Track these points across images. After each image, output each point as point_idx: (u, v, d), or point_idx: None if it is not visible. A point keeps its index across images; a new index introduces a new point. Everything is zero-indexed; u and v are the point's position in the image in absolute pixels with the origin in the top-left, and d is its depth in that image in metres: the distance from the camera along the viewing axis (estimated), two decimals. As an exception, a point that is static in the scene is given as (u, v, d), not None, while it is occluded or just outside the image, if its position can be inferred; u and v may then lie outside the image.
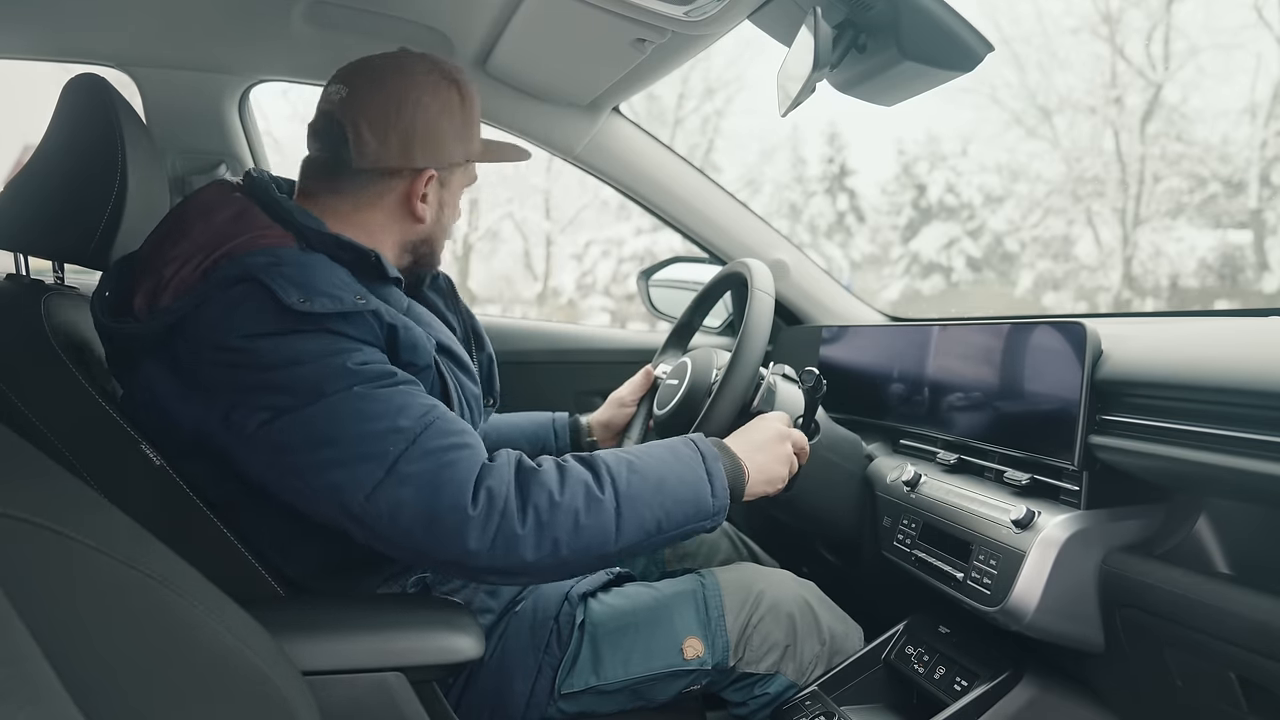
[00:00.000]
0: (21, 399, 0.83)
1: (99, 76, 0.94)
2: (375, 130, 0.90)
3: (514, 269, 18.17)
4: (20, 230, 0.94)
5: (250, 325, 0.77)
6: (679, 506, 0.83)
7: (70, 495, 0.45)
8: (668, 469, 0.84)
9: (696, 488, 0.85)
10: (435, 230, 0.99)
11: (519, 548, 0.76)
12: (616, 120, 1.56)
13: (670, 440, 0.90)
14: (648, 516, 0.81)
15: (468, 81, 0.97)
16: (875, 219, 18.06)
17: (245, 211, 0.87)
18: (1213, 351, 0.77)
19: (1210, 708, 0.78)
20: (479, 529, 0.75)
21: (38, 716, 0.28)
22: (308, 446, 0.76)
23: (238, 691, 0.49)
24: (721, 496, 0.86)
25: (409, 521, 0.75)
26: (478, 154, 1.00)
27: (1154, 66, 14.87)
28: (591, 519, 0.78)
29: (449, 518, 0.75)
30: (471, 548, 0.75)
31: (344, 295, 0.81)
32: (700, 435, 0.91)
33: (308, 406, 0.76)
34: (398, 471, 0.75)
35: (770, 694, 1.01)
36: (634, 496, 0.81)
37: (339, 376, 0.77)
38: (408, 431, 0.76)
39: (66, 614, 0.37)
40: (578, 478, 0.80)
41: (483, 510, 0.75)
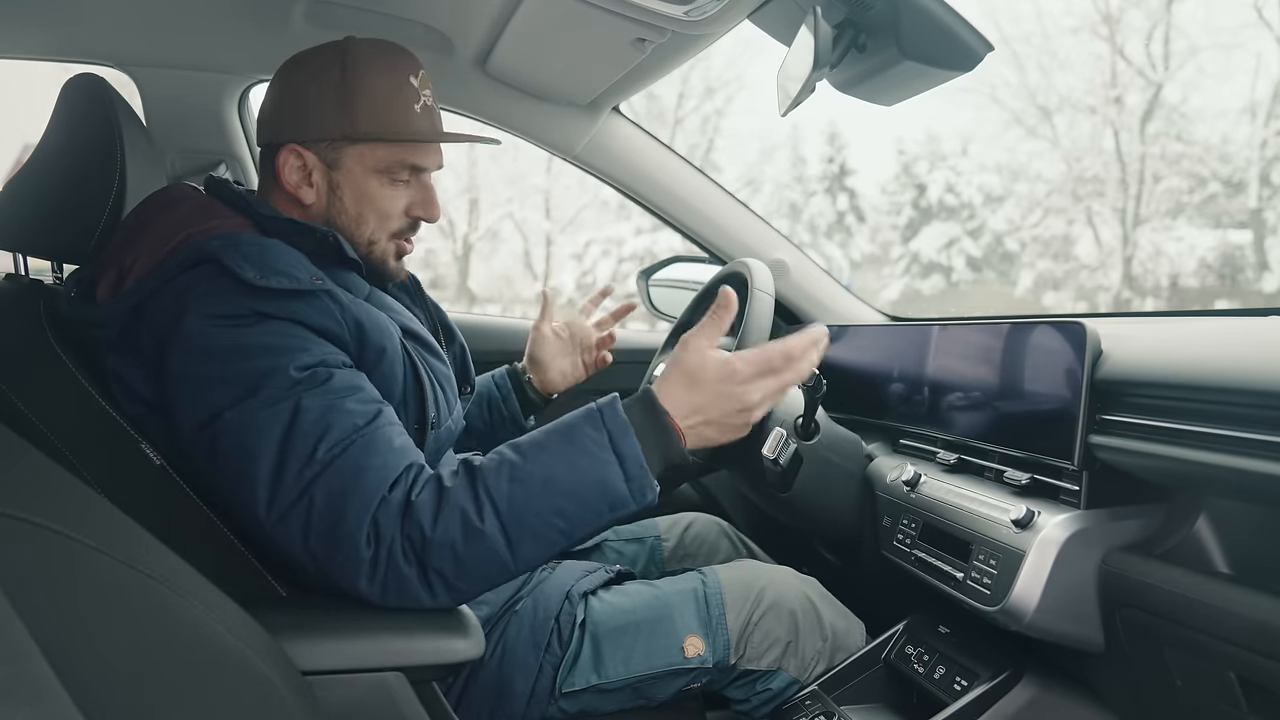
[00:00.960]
0: (21, 399, 0.83)
1: (98, 76, 0.94)
2: (263, 107, 0.95)
3: (514, 269, 18.18)
4: (19, 230, 0.94)
5: (209, 305, 0.78)
6: (582, 505, 0.75)
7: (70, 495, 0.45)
8: (560, 463, 0.76)
9: (601, 475, 0.75)
10: (334, 216, 0.93)
11: (410, 587, 0.74)
12: (616, 120, 1.56)
13: (571, 419, 0.79)
14: (540, 528, 0.75)
15: (360, 54, 0.91)
16: (875, 219, 18.07)
17: (206, 204, 0.89)
18: (1213, 351, 0.77)
19: (1210, 707, 0.78)
20: (368, 571, 0.74)
21: (37, 716, 0.28)
22: (233, 455, 0.76)
23: (238, 691, 0.49)
24: (639, 477, 0.76)
25: (315, 546, 0.75)
26: (363, 129, 0.90)
27: (1154, 66, 14.88)
28: (472, 550, 0.74)
29: (347, 554, 0.74)
30: (364, 589, 0.74)
31: (299, 274, 0.82)
32: (613, 401, 0.79)
33: (239, 413, 0.75)
34: (308, 496, 0.74)
35: (772, 690, 1.01)
36: (519, 512, 0.74)
37: (278, 381, 0.76)
38: (325, 457, 0.75)
39: (66, 614, 0.37)
40: (454, 506, 0.74)
41: (373, 549, 0.74)
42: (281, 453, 0.75)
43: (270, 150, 0.94)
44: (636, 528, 1.31)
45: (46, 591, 0.37)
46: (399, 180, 0.94)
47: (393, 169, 0.93)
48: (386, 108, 0.91)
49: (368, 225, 0.94)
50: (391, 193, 0.94)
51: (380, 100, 0.90)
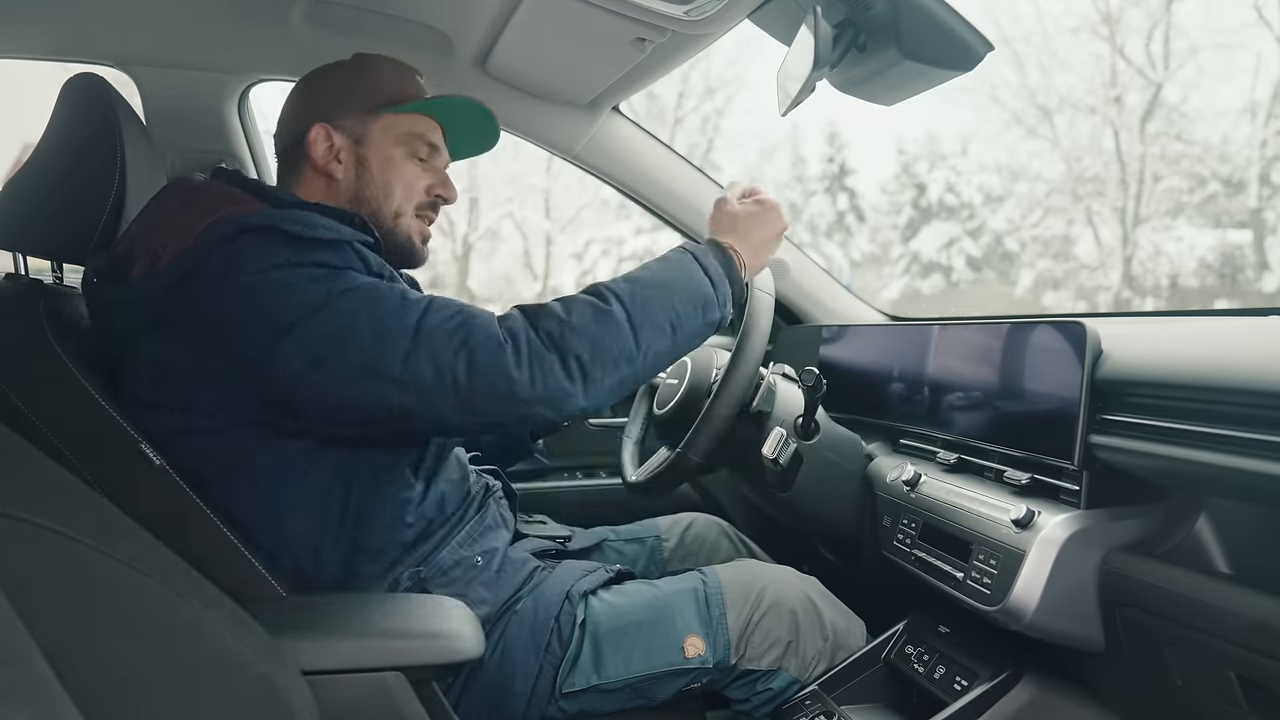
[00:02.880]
0: (21, 399, 0.83)
1: (98, 76, 0.94)
2: (283, 115, 1.02)
3: (514, 268, 18.17)
4: (19, 230, 0.94)
5: (257, 261, 0.80)
6: (686, 302, 0.90)
7: (71, 495, 0.45)
8: (663, 272, 0.91)
9: (697, 280, 0.91)
10: (363, 187, 0.99)
11: (553, 372, 0.82)
12: (616, 119, 1.56)
13: (660, 256, 0.95)
14: (660, 317, 0.88)
15: (369, 57, 1.03)
16: (875, 218, 18.06)
17: (229, 191, 0.92)
18: (1213, 351, 0.77)
19: (1210, 707, 0.78)
20: (513, 358, 0.80)
21: (38, 716, 0.28)
22: (333, 344, 0.79)
23: (237, 691, 0.49)
24: (721, 285, 0.93)
25: (452, 370, 0.79)
26: (384, 101, 1.00)
27: (1154, 66, 14.88)
28: (604, 331, 0.84)
29: (486, 353, 0.80)
30: (515, 376, 0.80)
31: (342, 229, 0.86)
32: (690, 241, 0.97)
33: (320, 312, 0.79)
34: (424, 330, 0.80)
35: (773, 690, 1.01)
36: (642, 302, 0.87)
37: (340, 282, 0.81)
38: (418, 303, 0.82)
39: (66, 614, 0.37)
40: (583, 302, 0.86)
41: (510, 343, 0.81)
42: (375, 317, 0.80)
43: (296, 142, 0.99)
44: (636, 528, 1.31)
45: (47, 592, 0.37)
46: (419, 157, 1.02)
47: (412, 141, 1.01)
48: (400, 84, 1.02)
49: (395, 196, 1.00)
50: (414, 168, 1.02)
51: (394, 79, 1.02)
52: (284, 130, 1.01)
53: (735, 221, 1.01)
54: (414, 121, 1.01)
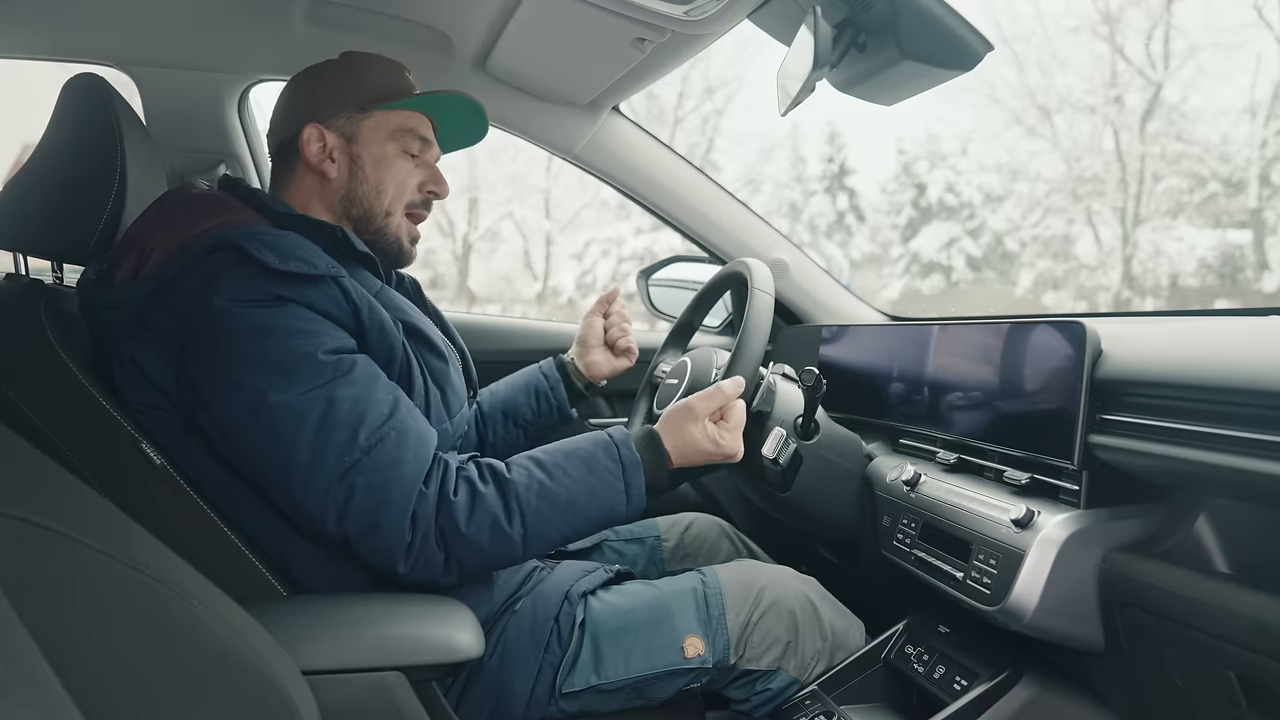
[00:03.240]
0: (21, 398, 0.83)
1: (98, 76, 0.94)
2: (275, 115, 1.03)
3: (514, 268, 18.17)
4: (19, 230, 0.94)
5: (231, 288, 0.82)
6: (588, 523, 0.89)
7: (70, 495, 0.45)
8: (582, 490, 0.88)
9: (610, 501, 0.89)
10: (356, 185, 1.00)
11: (435, 570, 0.84)
12: (616, 120, 1.56)
13: (590, 448, 0.91)
14: (555, 536, 0.88)
15: (358, 55, 1.04)
16: (875, 218, 18.06)
17: (223, 200, 0.94)
18: (1213, 351, 0.77)
19: (1210, 707, 0.78)
20: (405, 553, 0.82)
21: (38, 716, 0.28)
22: (269, 438, 0.80)
23: (238, 691, 0.49)
24: (636, 504, 0.91)
25: (350, 529, 0.81)
26: (374, 98, 1.01)
27: (1154, 66, 14.87)
28: (496, 548, 0.85)
29: (388, 537, 0.81)
30: (399, 570, 0.83)
31: (315, 261, 0.86)
32: (626, 437, 0.93)
33: (275, 392, 0.80)
34: (349, 481, 0.80)
35: (772, 690, 1.01)
36: (541, 524, 0.86)
37: (310, 368, 0.81)
38: (364, 444, 0.81)
39: (66, 614, 0.37)
40: (487, 510, 0.84)
41: (412, 535, 0.82)
42: (318, 438, 0.80)
43: (288, 141, 1.00)
44: (636, 528, 1.31)
45: (46, 591, 0.37)
46: (410, 152, 1.03)
47: (404, 137, 1.02)
48: (389, 81, 1.03)
49: (386, 194, 1.01)
50: (406, 164, 1.03)
51: (383, 76, 1.03)
52: (277, 130, 1.03)
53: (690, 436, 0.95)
54: (405, 117, 1.02)
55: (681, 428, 0.96)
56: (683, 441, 0.95)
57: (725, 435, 0.96)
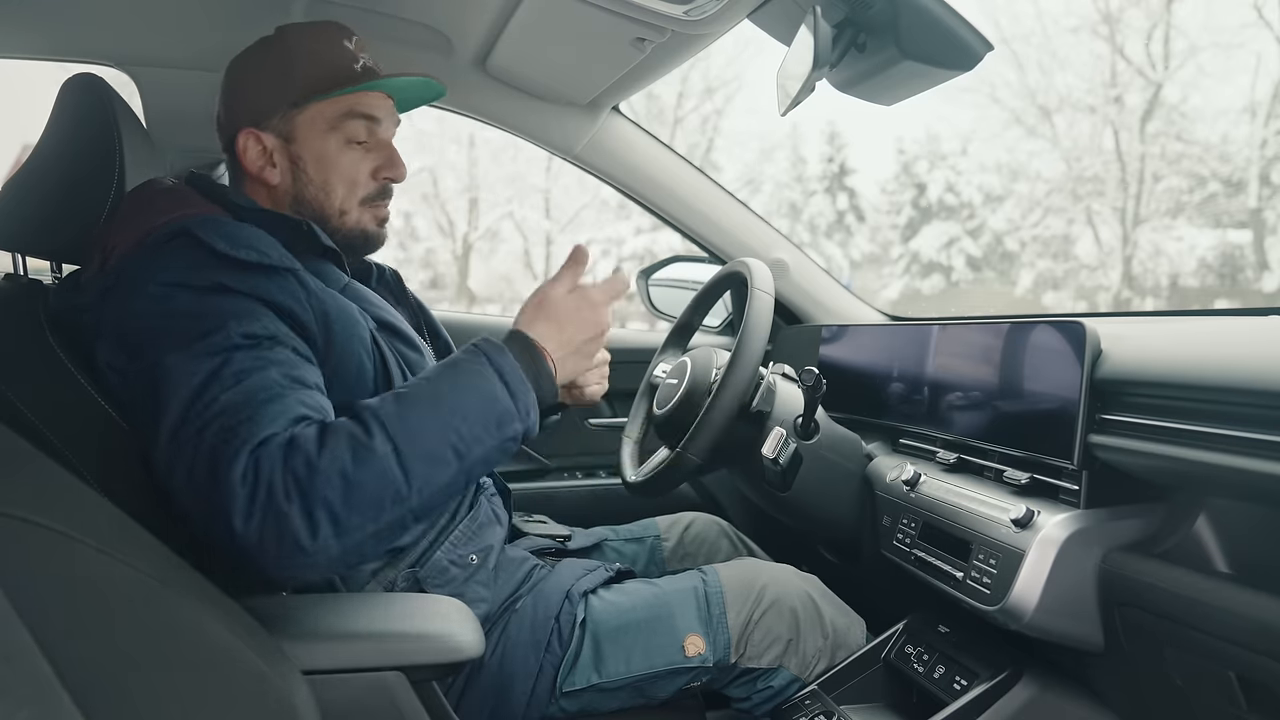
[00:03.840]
0: (21, 399, 0.83)
1: (96, 76, 0.94)
2: (217, 114, 0.99)
3: (514, 268, 18.17)
4: (18, 230, 0.94)
5: (175, 272, 0.78)
6: (473, 422, 0.75)
7: (71, 495, 0.45)
8: (445, 383, 0.77)
9: (487, 392, 0.76)
10: (301, 189, 0.95)
11: (289, 527, 0.67)
12: (616, 119, 1.56)
13: (452, 357, 0.81)
14: (436, 444, 0.73)
15: (290, 31, 0.96)
16: (875, 218, 18.07)
17: (184, 194, 0.92)
18: (1212, 351, 0.77)
19: (1210, 707, 0.78)
20: (244, 509, 0.67)
21: (37, 715, 0.28)
22: (152, 396, 0.74)
23: (238, 691, 0.49)
24: (522, 394, 0.78)
25: (197, 484, 0.70)
26: (306, 91, 0.93)
27: (1154, 66, 14.88)
28: (363, 471, 0.69)
29: (221, 488, 0.68)
30: (238, 529, 0.67)
31: (270, 252, 0.82)
32: (486, 337, 0.82)
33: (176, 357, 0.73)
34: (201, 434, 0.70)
35: (773, 688, 1.01)
36: (412, 431, 0.72)
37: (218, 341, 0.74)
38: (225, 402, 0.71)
39: (66, 613, 0.37)
40: (339, 430, 0.71)
41: (249, 487, 0.68)
42: (194, 396, 0.72)
43: (228, 144, 0.97)
44: (636, 528, 1.31)
45: (46, 591, 0.37)
46: (356, 141, 0.96)
47: (344, 124, 0.94)
48: (324, 66, 0.94)
49: (336, 193, 0.96)
50: (352, 155, 0.96)
51: (316, 61, 0.94)
52: (219, 130, 0.98)
53: (551, 311, 0.85)
54: (343, 102, 0.94)
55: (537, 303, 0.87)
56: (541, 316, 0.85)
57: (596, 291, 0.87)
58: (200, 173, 0.98)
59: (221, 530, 0.68)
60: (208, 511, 0.69)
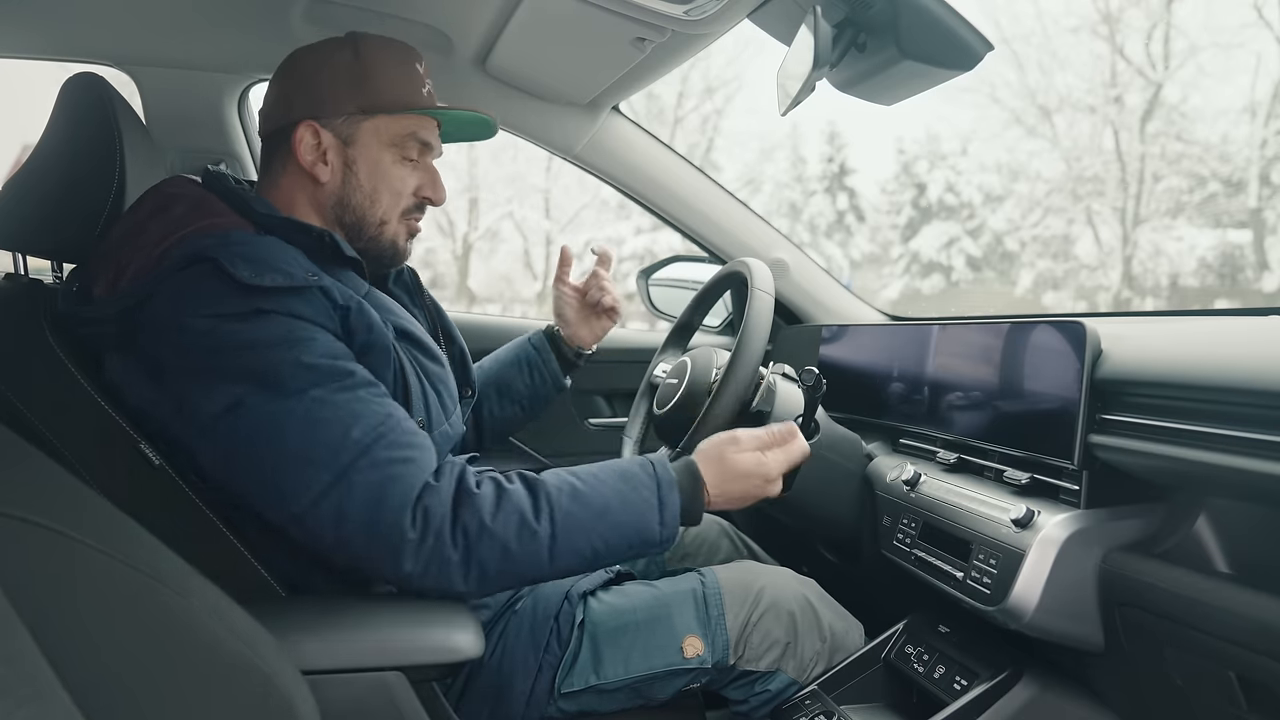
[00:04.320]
0: (21, 399, 0.83)
1: (97, 75, 0.94)
2: (269, 97, 0.97)
3: (514, 268, 18.17)
4: (19, 229, 0.94)
5: (208, 305, 0.79)
6: (621, 536, 0.84)
7: (70, 495, 0.45)
8: (615, 497, 0.84)
9: (643, 516, 0.84)
10: (349, 193, 0.95)
11: (449, 572, 0.78)
12: (616, 119, 1.56)
13: (628, 463, 0.88)
14: (584, 546, 0.82)
15: (370, 41, 0.96)
16: (875, 218, 18.07)
17: (202, 200, 0.90)
18: (1213, 351, 0.77)
19: (1210, 707, 0.78)
20: (413, 551, 0.77)
21: (37, 715, 0.28)
22: (260, 446, 0.77)
23: (238, 691, 0.49)
24: (671, 525, 0.86)
25: (350, 532, 0.77)
26: (378, 103, 0.94)
27: (1154, 66, 14.88)
28: (521, 548, 0.79)
29: (388, 536, 0.76)
30: (405, 570, 0.77)
31: (293, 271, 0.83)
32: (664, 458, 0.90)
33: (265, 405, 0.77)
34: (346, 481, 0.76)
35: (771, 691, 1.01)
36: (572, 528, 0.81)
37: (297, 374, 0.78)
38: (359, 442, 0.77)
39: (66, 614, 0.37)
40: (514, 505, 0.80)
41: (419, 532, 0.77)
42: (310, 439, 0.76)
43: (281, 133, 0.95)
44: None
45: (46, 591, 0.37)
46: (408, 158, 0.98)
47: (404, 143, 0.97)
48: (399, 84, 0.96)
49: (381, 202, 0.97)
50: (402, 171, 0.98)
51: (393, 78, 0.95)
52: (270, 116, 0.96)
53: (729, 467, 0.91)
54: (407, 121, 0.97)
55: (721, 454, 0.92)
56: (721, 468, 0.91)
57: (774, 462, 0.92)
58: (217, 171, 0.96)
59: (388, 568, 0.78)
60: (368, 553, 0.77)
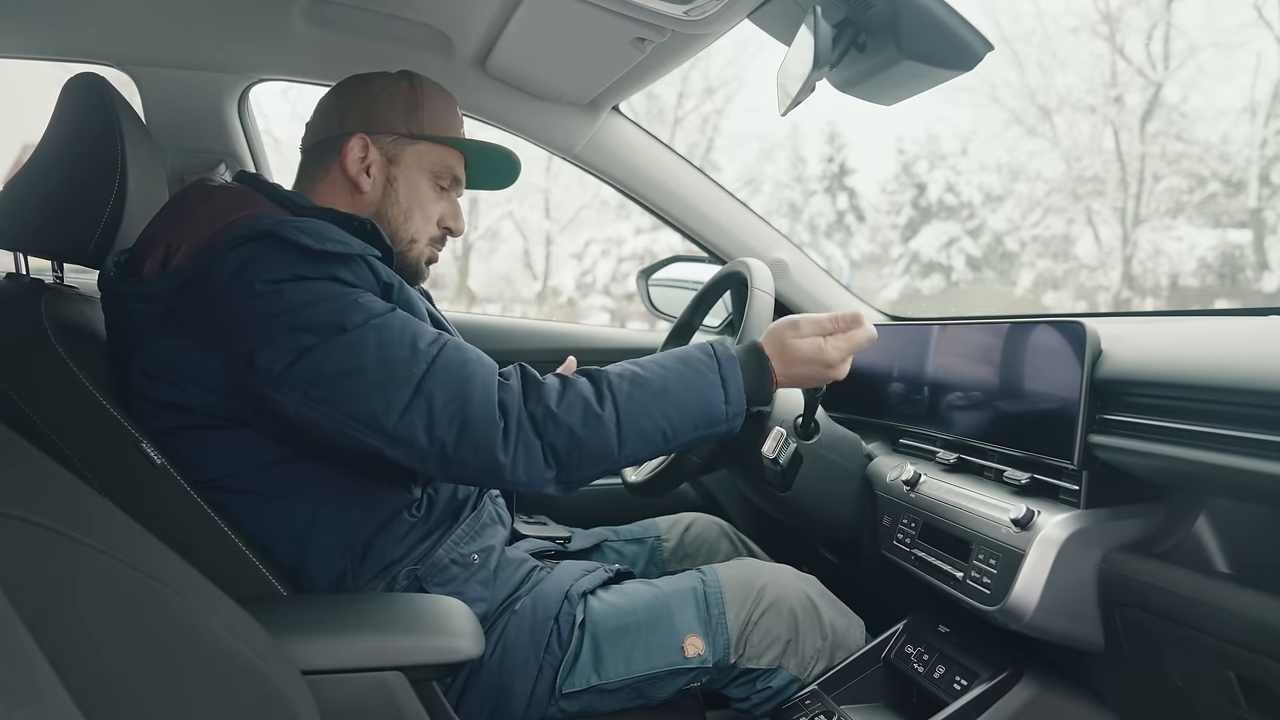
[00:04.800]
0: (22, 398, 0.83)
1: (98, 76, 0.94)
2: (321, 110, 1.04)
3: (514, 268, 18.17)
4: (20, 229, 0.94)
5: (271, 271, 0.82)
6: (685, 415, 0.87)
7: (71, 495, 0.45)
8: (675, 379, 0.87)
9: (707, 395, 0.88)
10: (386, 207, 1.01)
11: (536, 458, 0.82)
12: (616, 119, 1.56)
13: (687, 349, 0.92)
14: (650, 427, 0.85)
15: (424, 79, 1.05)
16: (875, 218, 18.07)
17: (245, 193, 0.94)
18: (1212, 351, 0.77)
19: (1210, 707, 0.78)
20: (503, 440, 0.80)
21: (37, 715, 0.28)
22: (337, 378, 0.80)
23: (238, 691, 0.49)
24: (736, 402, 0.89)
25: (443, 433, 0.80)
26: (427, 131, 1.02)
27: (1154, 65, 14.88)
28: (589, 431, 0.83)
29: (479, 428, 0.80)
30: (502, 461, 0.80)
31: (350, 241, 0.87)
32: (723, 340, 0.93)
33: (331, 339, 0.80)
34: (425, 389, 0.80)
35: (772, 688, 1.01)
36: (635, 411, 0.84)
37: (355, 312, 0.82)
38: (426, 352, 0.82)
39: (67, 614, 0.37)
40: (578, 393, 0.84)
41: (503, 421, 0.81)
42: (382, 361, 0.80)
43: (329, 143, 1.01)
44: (636, 528, 1.31)
45: (46, 591, 0.37)
46: (441, 187, 1.05)
47: (442, 172, 1.04)
48: (446, 118, 1.05)
49: (414, 222, 1.03)
50: (434, 196, 1.05)
51: (441, 112, 1.05)
52: (318, 127, 1.03)
53: (791, 350, 0.94)
54: (447, 154, 1.05)
55: (782, 337, 0.94)
56: (783, 349, 0.93)
57: (834, 348, 0.94)
58: (251, 172, 1.02)
59: (485, 463, 0.80)
60: (465, 450, 0.80)
